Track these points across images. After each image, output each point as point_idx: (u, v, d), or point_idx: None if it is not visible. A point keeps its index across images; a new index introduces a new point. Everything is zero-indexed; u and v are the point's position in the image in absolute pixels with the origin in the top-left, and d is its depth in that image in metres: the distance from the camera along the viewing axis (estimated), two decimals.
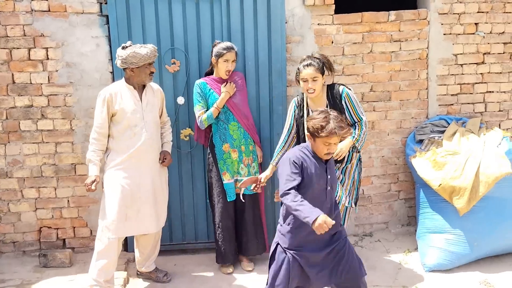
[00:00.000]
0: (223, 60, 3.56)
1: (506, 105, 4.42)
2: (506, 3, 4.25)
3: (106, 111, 3.27)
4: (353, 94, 3.40)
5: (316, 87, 3.30)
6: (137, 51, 3.21)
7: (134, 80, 3.31)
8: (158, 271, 3.67)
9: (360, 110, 3.39)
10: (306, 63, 3.31)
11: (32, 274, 3.72)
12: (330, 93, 3.40)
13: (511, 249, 3.86)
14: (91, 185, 3.25)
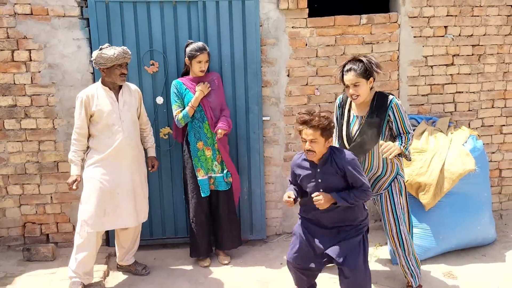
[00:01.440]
0: (196, 61, 3.70)
1: (475, 105, 4.59)
2: (474, 7, 4.42)
3: (84, 112, 3.41)
4: (401, 105, 3.24)
5: (360, 93, 3.17)
6: (104, 52, 3.33)
7: (107, 80, 3.44)
8: (137, 265, 3.82)
9: (407, 122, 3.21)
10: (348, 67, 3.17)
11: (16, 268, 3.85)
12: (376, 100, 3.23)
13: (474, 243, 4.04)
14: (72, 184, 3.39)
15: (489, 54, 4.51)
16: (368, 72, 3.16)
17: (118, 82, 3.45)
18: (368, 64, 3.14)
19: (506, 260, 3.94)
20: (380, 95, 3.25)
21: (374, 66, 3.17)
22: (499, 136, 4.68)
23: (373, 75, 3.19)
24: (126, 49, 3.41)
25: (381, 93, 3.27)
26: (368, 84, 3.19)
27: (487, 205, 4.08)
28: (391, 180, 3.31)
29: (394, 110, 3.19)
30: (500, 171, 4.74)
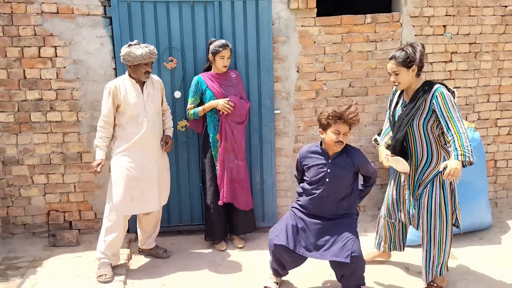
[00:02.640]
0: (219, 57, 3.94)
1: (472, 99, 4.87)
2: (471, 7, 4.69)
3: (111, 101, 3.63)
4: (450, 96, 3.15)
5: (400, 80, 3.26)
6: (132, 51, 3.55)
7: (133, 76, 3.69)
8: (158, 248, 4.07)
9: (456, 115, 3.09)
10: (391, 55, 3.28)
11: (43, 252, 4.08)
12: (422, 88, 3.25)
13: (473, 227, 4.32)
14: (97, 167, 3.61)
15: (485, 52, 4.79)
16: (409, 61, 3.21)
17: (142, 79, 3.67)
18: (412, 53, 3.19)
19: (502, 242, 4.23)
20: (426, 84, 3.28)
21: (419, 55, 3.20)
22: (494, 129, 4.97)
23: (416, 63, 3.21)
24: (153, 50, 3.61)
25: (429, 82, 3.31)
26: (411, 72, 3.24)
27: (484, 192, 4.37)
28: (436, 173, 3.29)
29: (439, 99, 3.13)
30: (495, 162, 5.03)
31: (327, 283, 3.61)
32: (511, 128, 4.99)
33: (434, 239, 3.34)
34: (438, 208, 3.30)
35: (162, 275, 3.74)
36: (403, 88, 3.33)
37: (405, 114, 3.30)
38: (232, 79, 4.09)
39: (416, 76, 3.29)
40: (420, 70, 3.30)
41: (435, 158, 3.28)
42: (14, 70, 4.11)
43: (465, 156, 3.04)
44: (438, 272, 3.39)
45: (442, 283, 3.45)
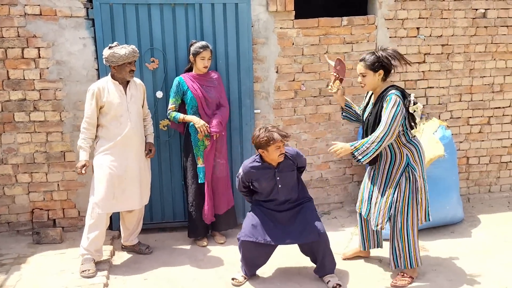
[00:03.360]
0: (200, 58, 4.05)
1: (445, 99, 5.07)
2: (443, 10, 4.89)
3: (95, 103, 3.72)
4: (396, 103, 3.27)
5: (366, 83, 3.41)
6: (116, 52, 3.66)
7: (117, 76, 3.78)
8: (141, 245, 4.17)
9: (386, 119, 3.26)
10: (361, 57, 3.43)
11: (27, 249, 4.15)
12: (383, 92, 3.40)
13: (444, 221, 4.51)
14: (81, 169, 3.71)
15: (456, 53, 4.99)
16: (377, 65, 3.35)
17: (128, 78, 3.78)
18: (382, 57, 3.33)
19: (472, 236, 4.42)
20: (387, 89, 3.40)
21: (387, 60, 3.33)
22: (466, 127, 5.18)
23: (384, 68, 3.36)
24: (135, 49, 3.74)
25: (390, 87, 3.41)
26: (377, 76, 3.39)
27: (455, 187, 4.56)
28: (402, 170, 3.43)
29: (385, 104, 3.33)
30: (467, 159, 5.24)
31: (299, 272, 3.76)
32: (482, 126, 5.21)
33: (396, 233, 3.50)
34: (401, 204, 3.44)
35: (144, 271, 3.85)
36: (368, 90, 3.52)
37: (370, 117, 3.48)
38: (213, 80, 4.20)
39: (382, 80, 3.43)
40: (386, 75, 3.43)
41: (398, 156, 3.45)
42: None
43: (357, 150, 3.34)
44: (408, 264, 3.54)
45: (412, 273, 3.60)
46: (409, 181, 3.43)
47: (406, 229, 3.48)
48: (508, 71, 5.14)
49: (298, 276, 3.74)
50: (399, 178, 3.44)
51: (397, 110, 3.28)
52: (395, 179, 3.46)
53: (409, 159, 3.43)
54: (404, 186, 3.43)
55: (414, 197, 3.46)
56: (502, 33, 5.04)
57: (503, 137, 5.27)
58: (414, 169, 3.44)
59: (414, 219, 3.50)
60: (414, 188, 3.44)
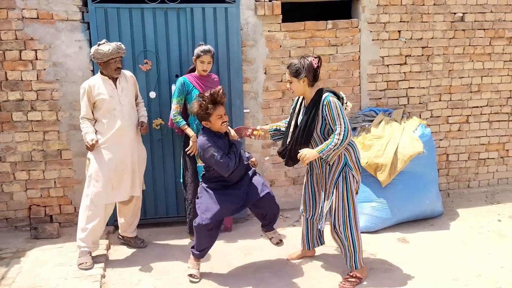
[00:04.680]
0: (199, 61, 4.21)
1: (425, 98, 5.32)
2: (423, 14, 5.14)
3: (87, 99, 3.87)
4: (336, 103, 3.39)
5: (293, 89, 3.52)
6: (100, 48, 3.78)
7: (105, 72, 3.92)
8: (137, 238, 4.34)
9: (337, 119, 3.36)
10: (288, 64, 3.54)
11: (25, 244, 4.31)
12: (314, 97, 3.49)
13: (424, 215, 4.75)
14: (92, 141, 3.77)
15: (436, 55, 5.24)
16: (298, 73, 3.44)
17: (114, 75, 3.90)
18: (301, 67, 3.43)
19: (450, 228, 4.67)
20: (318, 92, 3.50)
21: (306, 68, 3.41)
22: (446, 126, 5.43)
23: (305, 76, 3.44)
24: (120, 45, 3.85)
25: (320, 91, 3.50)
26: (301, 83, 3.47)
27: (434, 182, 4.80)
28: (340, 170, 3.51)
29: (326, 108, 3.39)
30: (447, 156, 5.49)
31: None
32: (461, 124, 5.46)
33: (341, 233, 3.57)
34: (341, 204, 3.52)
35: (140, 263, 4.03)
36: (297, 95, 3.63)
37: (305, 124, 3.49)
38: (214, 82, 4.36)
39: (310, 86, 3.51)
40: (312, 81, 3.50)
41: (336, 157, 3.50)
42: None
43: (321, 152, 3.40)
44: (353, 265, 3.61)
45: (361, 273, 3.64)
46: (346, 181, 3.50)
47: (350, 229, 3.55)
48: (485, 72, 5.41)
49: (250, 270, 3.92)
50: (337, 178, 3.51)
51: (340, 107, 3.41)
52: (333, 180, 3.52)
53: (347, 159, 3.51)
54: (341, 186, 3.50)
55: (351, 197, 3.53)
56: (479, 36, 5.30)
57: (481, 135, 5.53)
58: (351, 168, 3.52)
59: (357, 219, 3.58)
60: (350, 188, 3.52)
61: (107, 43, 3.87)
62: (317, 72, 3.51)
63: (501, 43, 5.37)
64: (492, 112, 5.51)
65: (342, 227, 3.57)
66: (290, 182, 5.10)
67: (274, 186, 5.09)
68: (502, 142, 5.59)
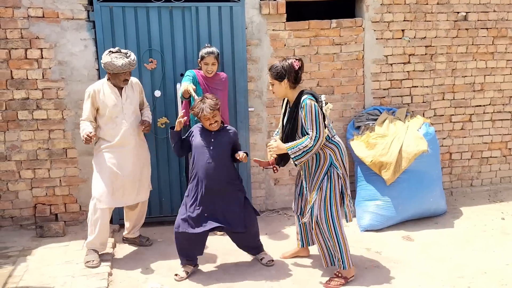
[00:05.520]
0: (203, 62, 4.22)
1: (428, 97, 5.34)
2: (427, 13, 5.16)
3: (90, 104, 3.88)
4: (312, 106, 3.36)
5: (275, 91, 3.54)
6: (113, 62, 3.76)
7: (112, 81, 3.92)
8: (141, 237, 4.36)
9: (310, 124, 3.36)
10: (269, 68, 3.55)
11: (31, 243, 4.32)
12: (296, 98, 3.50)
13: (428, 213, 4.77)
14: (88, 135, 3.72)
15: (439, 54, 5.26)
16: (280, 75, 3.45)
17: (121, 85, 3.91)
18: (282, 69, 3.43)
19: (454, 226, 4.69)
20: (300, 94, 3.48)
21: (284, 71, 3.42)
22: (449, 124, 5.45)
23: (287, 78, 3.43)
24: (132, 61, 3.83)
25: (302, 92, 3.49)
26: (283, 85, 3.47)
27: (438, 181, 4.82)
28: (325, 170, 3.50)
29: (302, 110, 3.40)
30: (450, 155, 5.52)
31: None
32: (464, 123, 5.49)
33: (325, 232, 3.55)
34: (324, 204, 3.51)
35: (145, 261, 4.05)
36: (279, 97, 3.67)
37: (289, 125, 3.54)
38: (220, 83, 4.34)
39: (291, 88, 3.50)
40: (294, 83, 3.49)
41: (323, 157, 3.51)
42: (1, 71, 4.34)
43: (290, 149, 3.44)
44: (341, 265, 3.58)
45: (348, 274, 3.61)
46: (330, 180, 3.50)
47: (334, 228, 3.53)
48: (488, 71, 5.43)
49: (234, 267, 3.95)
50: (322, 178, 3.50)
51: (316, 111, 3.37)
52: (319, 179, 3.52)
53: (332, 158, 3.50)
54: (325, 185, 3.49)
55: (334, 197, 3.51)
56: (482, 35, 5.32)
57: (483, 133, 5.55)
58: (336, 167, 3.50)
59: (340, 218, 3.55)
60: (335, 187, 3.51)
61: (119, 52, 3.82)
62: (299, 74, 3.49)
63: (504, 42, 5.40)
64: (495, 111, 5.54)
65: (325, 227, 3.54)
66: (294, 180, 5.10)
67: (278, 184, 5.11)
68: (504, 141, 5.61)
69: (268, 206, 5.12)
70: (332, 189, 3.51)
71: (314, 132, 3.38)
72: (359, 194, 4.75)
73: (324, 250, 3.67)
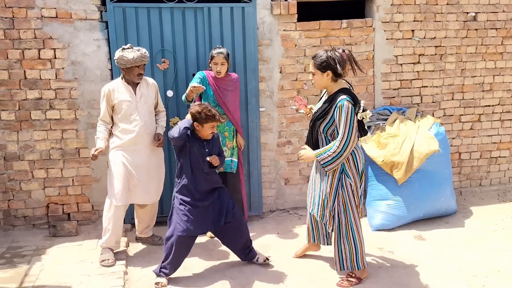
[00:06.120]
0: (213, 63, 4.24)
1: (438, 97, 5.36)
2: (436, 14, 5.18)
3: (106, 103, 3.94)
4: (349, 109, 3.25)
5: (314, 81, 3.39)
6: (124, 55, 3.82)
7: (127, 77, 3.98)
8: (154, 236, 4.38)
9: (343, 127, 3.25)
10: (314, 54, 3.37)
11: (44, 242, 4.34)
12: (333, 94, 3.36)
13: (439, 213, 4.79)
14: (95, 151, 3.81)
15: (449, 54, 5.28)
16: (324, 66, 3.28)
17: (135, 81, 3.95)
18: (330, 59, 3.26)
19: (465, 225, 4.71)
20: (338, 92, 3.35)
21: (333, 62, 3.24)
22: (458, 124, 5.47)
23: (331, 69, 3.28)
24: (144, 53, 3.88)
25: (341, 91, 3.35)
26: (325, 77, 3.32)
27: (449, 180, 4.84)
28: (338, 176, 3.44)
29: (337, 111, 3.29)
30: (459, 154, 5.53)
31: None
32: (473, 123, 5.50)
33: (342, 235, 3.54)
34: (341, 206, 3.49)
35: (160, 260, 4.02)
36: (318, 88, 3.54)
37: (317, 113, 3.47)
38: (231, 83, 4.35)
39: (333, 81, 3.36)
40: (337, 76, 3.35)
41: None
42: (15, 71, 4.36)
43: (319, 156, 3.37)
44: (355, 266, 3.57)
45: (361, 274, 3.63)
46: (343, 187, 3.45)
47: (352, 229, 3.52)
48: (497, 71, 5.45)
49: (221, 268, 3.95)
50: (337, 185, 3.46)
51: (351, 115, 3.27)
52: (332, 187, 3.46)
53: (344, 166, 3.42)
54: (341, 192, 3.46)
55: (352, 200, 3.48)
56: (492, 35, 5.34)
57: (492, 133, 5.57)
58: (348, 176, 3.44)
59: (357, 219, 3.54)
60: (348, 192, 3.47)
61: (131, 48, 3.88)
62: (344, 67, 3.30)
63: None
64: (503, 111, 5.55)
65: (344, 230, 3.54)
66: (305, 180, 5.13)
67: (289, 184, 5.13)
68: None
69: (279, 205, 5.14)
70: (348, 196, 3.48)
71: (344, 137, 3.26)
72: (370, 194, 4.76)
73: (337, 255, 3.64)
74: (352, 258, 3.59)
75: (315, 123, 3.50)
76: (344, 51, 3.35)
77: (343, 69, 3.32)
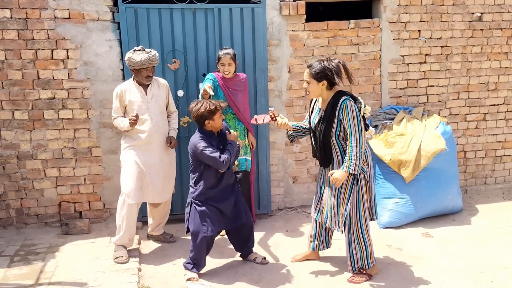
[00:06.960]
0: (220, 63, 4.30)
1: (444, 96, 5.42)
2: (442, 14, 5.24)
3: (118, 103, 4.03)
4: (353, 107, 3.34)
5: (310, 90, 3.45)
6: (133, 57, 3.89)
7: (136, 78, 4.04)
8: (165, 234, 4.44)
9: (353, 126, 3.30)
10: (309, 64, 3.46)
11: (57, 240, 4.40)
12: (332, 99, 3.42)
13: (446, 210, 4.85)
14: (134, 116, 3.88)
15: (455, 54, 5.34)
16: (320, 75, 3.36)
17: (144, 82, 4.02)
18: (327, 70, 3.34)
19: (471, 223, 4.77)
20: (337, 95, 3.42)
21: (330, 72, 3.33)
22: (464, 123, 5.53)
23: (327, 79, 3.36)
24: (152, 56, 3.93)
25: (339, 93, 3.43)
26: (320, 86, 3.40)
27: (455, 179, 4.91)
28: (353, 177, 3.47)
29: (343, 112, 3.35)
30: (465, 153, 5.60)
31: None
32: (478, 122, 5.57)
33: (353, 236, 3.60)
34: (355, 207, 3.53)
35: (171, 257, 4.13)
36: (312, 97, 3.58)
37: (322, 122, 3.48)
38: (240, 84, 4.41)
39: (328, 89, 3.45)
40: (331, 85, 3.44)
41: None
42: (28, 71, 4.42)
43: (350, 168, 3.36)
44: (366, 264, 3.65)
45: (371, 271, 3.71)
46: (358, 183, 3.49)
47: (361, 230, 3.59)
48: (502, 71, 5.51)
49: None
50: (352, 185, 3.49)
51: (357, 112, 3.37)
52: (347, 188, 3.50)
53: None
54: (356, 192, 3.51)
55: (364, 198, 3.54)
56: (497, 35, 5.40)
57: (497, 132, 5.64)
58: (364, 170, 3.50)
59: (367, 220, 3.62)
60: (363, 189, 3.52)
61: (143, 50, 3.94)
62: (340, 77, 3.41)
63: None
64: (508, 110, 5.62)
65: (354, 231, 3.60)
66: (313, 179, 5.19)
67: (297, 182, 5.19)
68: None
69: (287, 204, 5.20)
70: (360, 192, 3.53)
71: (356, 133, 3.33)
72: (377, 192, 4.81)
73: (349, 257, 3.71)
74: (363, 258, 3.66)
75: (324, 132, 3.49)
76: (339, 62, 3.44)
77: (340, 79, 3.43)
